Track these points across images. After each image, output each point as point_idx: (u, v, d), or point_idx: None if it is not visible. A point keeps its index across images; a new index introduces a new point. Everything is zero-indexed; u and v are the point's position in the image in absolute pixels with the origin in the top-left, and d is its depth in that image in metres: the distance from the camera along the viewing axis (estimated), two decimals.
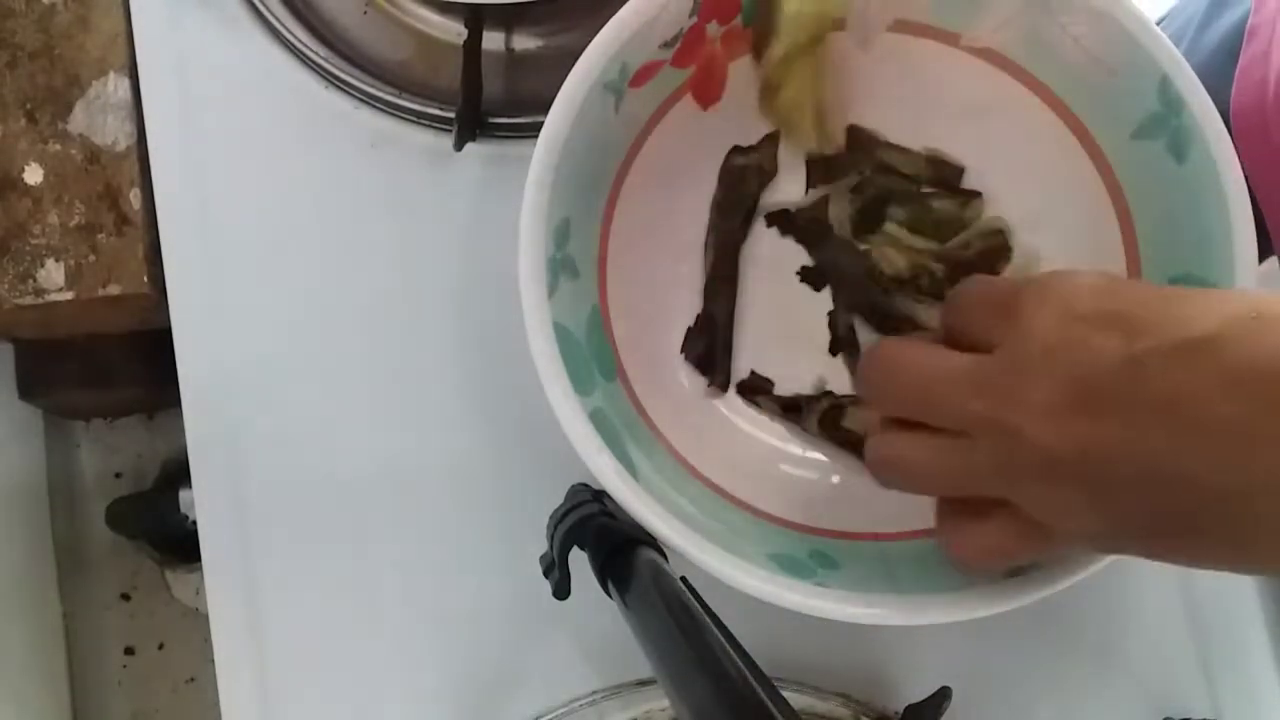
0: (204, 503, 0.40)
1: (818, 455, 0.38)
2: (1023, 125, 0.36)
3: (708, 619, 0.26)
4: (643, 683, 0.39)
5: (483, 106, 0.41)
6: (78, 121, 0.44)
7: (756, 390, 0.39)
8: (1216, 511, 0.24)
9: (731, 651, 0.25)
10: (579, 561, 0.31)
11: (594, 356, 0.34)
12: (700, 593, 0.28)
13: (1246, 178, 0.32)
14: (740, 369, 0.39)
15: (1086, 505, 0.25)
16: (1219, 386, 0.23)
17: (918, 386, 0.28)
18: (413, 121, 0.43)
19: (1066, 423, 0.25)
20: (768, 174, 0.39)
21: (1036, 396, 0.25)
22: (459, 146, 0.41)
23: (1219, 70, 0.43)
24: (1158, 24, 0.34)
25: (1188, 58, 0.33)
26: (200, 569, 0.39)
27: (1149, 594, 0.40)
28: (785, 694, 0.37)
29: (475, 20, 0.42)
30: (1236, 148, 0.32)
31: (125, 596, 0.71)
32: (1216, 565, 0.26)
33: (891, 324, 0.38)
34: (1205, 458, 0.23)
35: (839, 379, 0.39)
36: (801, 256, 0.39)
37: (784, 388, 0.39)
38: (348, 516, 0.40)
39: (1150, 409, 0.24)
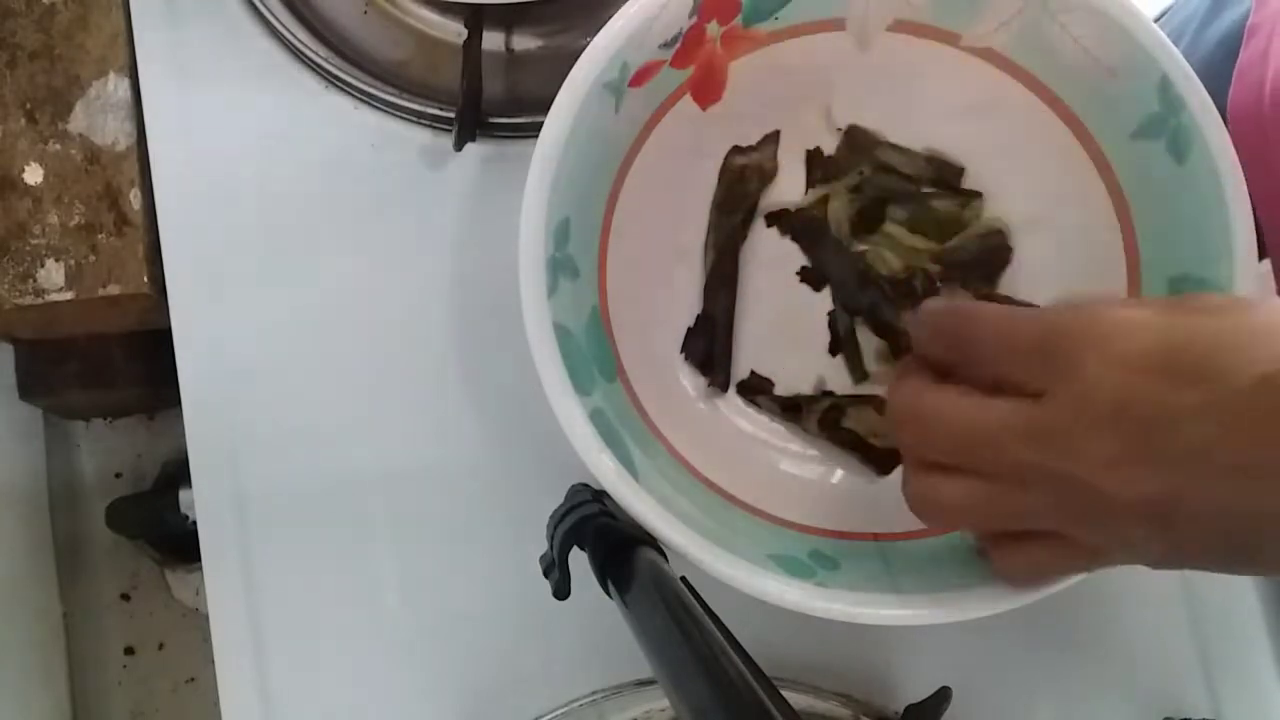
0: (204, 503, 0.40)
1: (818, 455, 0.38)
2: (1023, 125, 0.36)
3: (708, 619, 0.26)
4: (643, 683, 0.39)
5: (483, 106, 0.41)
6: (78, 121, 0.44)
7: (756, 390, 0.39)
8: (1277, 529, 0.24)
9: (731, 651, 0.25)
10: (579, 561, 0.31)
11: (594, 356, 0.34)
12: (700, 593, 0.28)
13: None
14: (740, 369, 0.39)
15: (1147, 539, 0.25)
16: None
17: (961, 438, 0.27)
18: (413, 121, 0.43)
19: (1133, 473, 0.25)
20: (768, 174, 0.39)
21: (1101, 450, 0.25)
22: (459, 146, 0.41)
23: (1218, 69, 0.43)
24: (1155, 21, 0.34)
25: (1187, 56, 0.32)
26: (200, 569, 0.39)
27: (1149, 594, 0.40)
28: (785, 694, 0.37)
29: (475, 20, 0.42)
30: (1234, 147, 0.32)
31: (125, 596, 0.71)
32: (1271, 571, 0.26)
33: (887, 325, 0.38)
34: (1273, 493, 0.24)
35: (839, 379, 0.39)
36: (802, 256, 0.39)
37: (784, 388, 0.39)
38: (347, 516, 0.40)
39: (1222, 455, 0.24)
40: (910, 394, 0.29)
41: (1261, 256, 0.33)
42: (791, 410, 0.38)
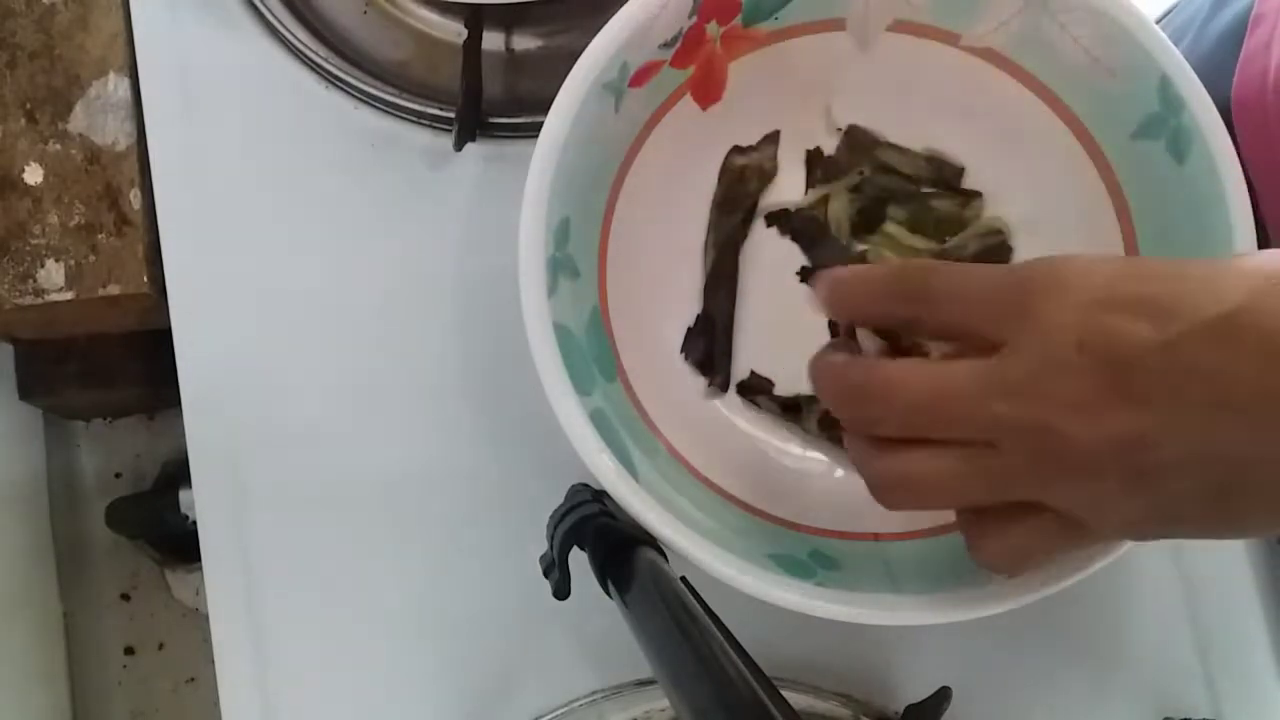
0: (204, 503, 0.40)
1: (818, 455, 0.38)
2: (1023, 125, 0.36)
3: (708, 619, 0.26)
4: (643, 683, 0.39)
5: (483, 106, 0.41)
6: (78, 121, 0.44)
7: (756, 390, 0.39)
8: (1257, 478, 0.24)
9: (731, 651, 0.25)
10: (579, 561, 0.31)
11: (594, 356, 0.34)
12: (700, 593, 0.28)
13: (1246, 169, 0.32)
14: (740, 369, 0.39)
15: (1125, 493, 0.25)
16: (1256, 358, 0.23)
17: (925, 403, 0.26)
18: (413, 121, 0.43)
19: (1103, 416, 0.24)
20: (768, 174, 0.39)
21: (1069, 393, 0.24)
22: (459, 146, 0.41)
23: (1221, 62, 0.42)
24: (1161, 19, 0.33)
25: (1191, 51, 0.32)
26: (200, 569, 0.39)
27: (1149, 594, 0.40)
28: (785, 694, 0.37)
29: (475, 20, 0.42)
30: (1236, 139, 0.32)
31: (125, 596, 0.71)
32: (1256, 532, 0.25)
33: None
34: (1246, 431, 0.23)
35: None
36: (802, 256, 0.39)
37: (784, 388, 0.39)
38: (347, 516, 0.40)
39: (1188, 392, 0.23)
40: (859, 368, 0.28)
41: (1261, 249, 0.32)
42: (791, 410, 0.38)
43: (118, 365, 0.56)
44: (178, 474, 0.68)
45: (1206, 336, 0.23)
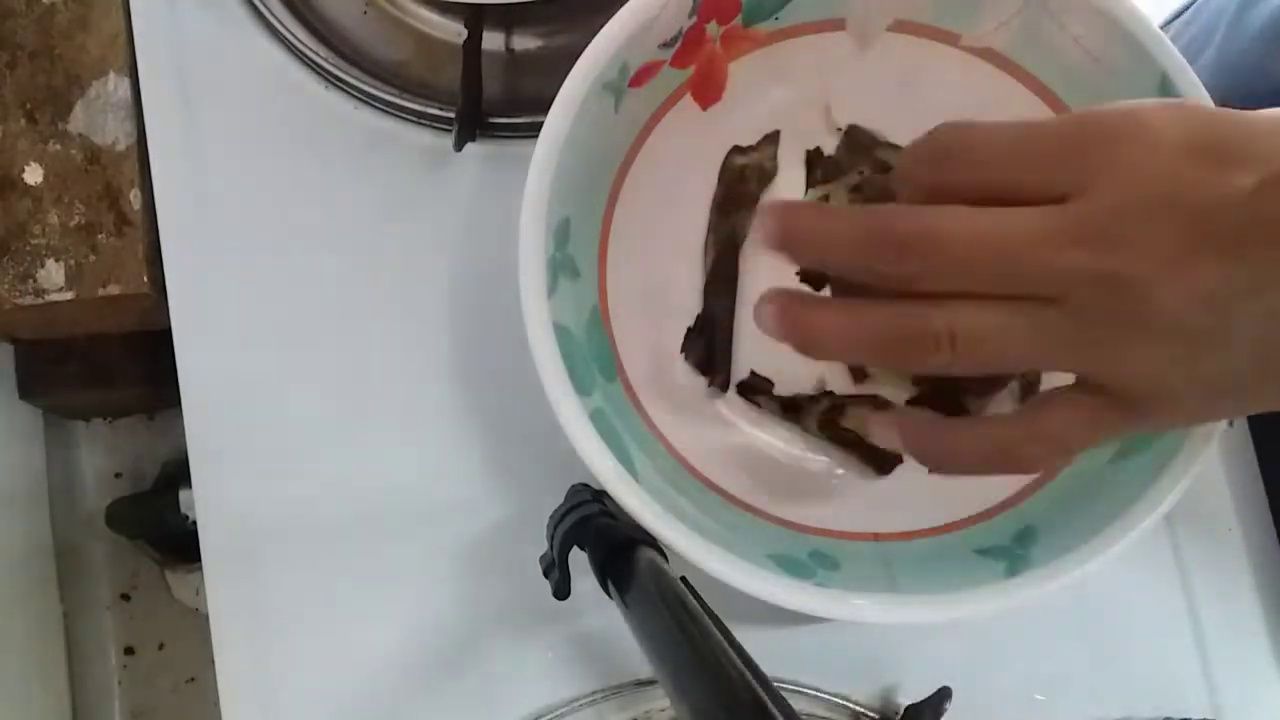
0: (204, 503, 0.40)
1: (818, 455, 0.38)
2: None
3: (708, 619, 0.26)
4: (642, 683, 0.39)
5: (483, 106, 0.41)
6: (78, 121, 0.44)
7: (756, 390, 0.39)
8: None
9: (731, 651, 0.25)
10: (579, 561, 0.31)
11: (594, 356, 0.34)
12: (700, 593, 0.28)
13: None
14: (740, 369, 0.39)
15: (1196, 356, 0.23)
16: None
17: (984, 254, 0.23)
18: (413, 121, 0.43)
19: (1193, 269, 0.22)
20: (768, 174, 0.39)
21: (1155, 243, 0.22)
22: (459, 146, 0.41)
23: (1257, 62, 0.40)
24: (1173, 20, 0.33)
25: (1223, 51, 0.31)
26: (200, 569, 0.39)
27: (1149, 594, 0.40)
28: (785, 694, 0.37)
29: (475, 20, 0.42)
30: None
31: (125, 596, 0.71)
32: None
33: None
34: None
35: (839, 379, 0.39)
36: None
37: (784, 388, 0.39)
38: (347, 516, 0.40)
39: (1275, 240, 0.22)
40: (906, 215, 0.24)
41: None
42: (791, 410, 0.38)
43: (118, 365, 0.56)
44: (178, 474, 0.68)
45: None
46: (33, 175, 0.44)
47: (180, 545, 0.68)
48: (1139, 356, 0.24)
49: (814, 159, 0.39)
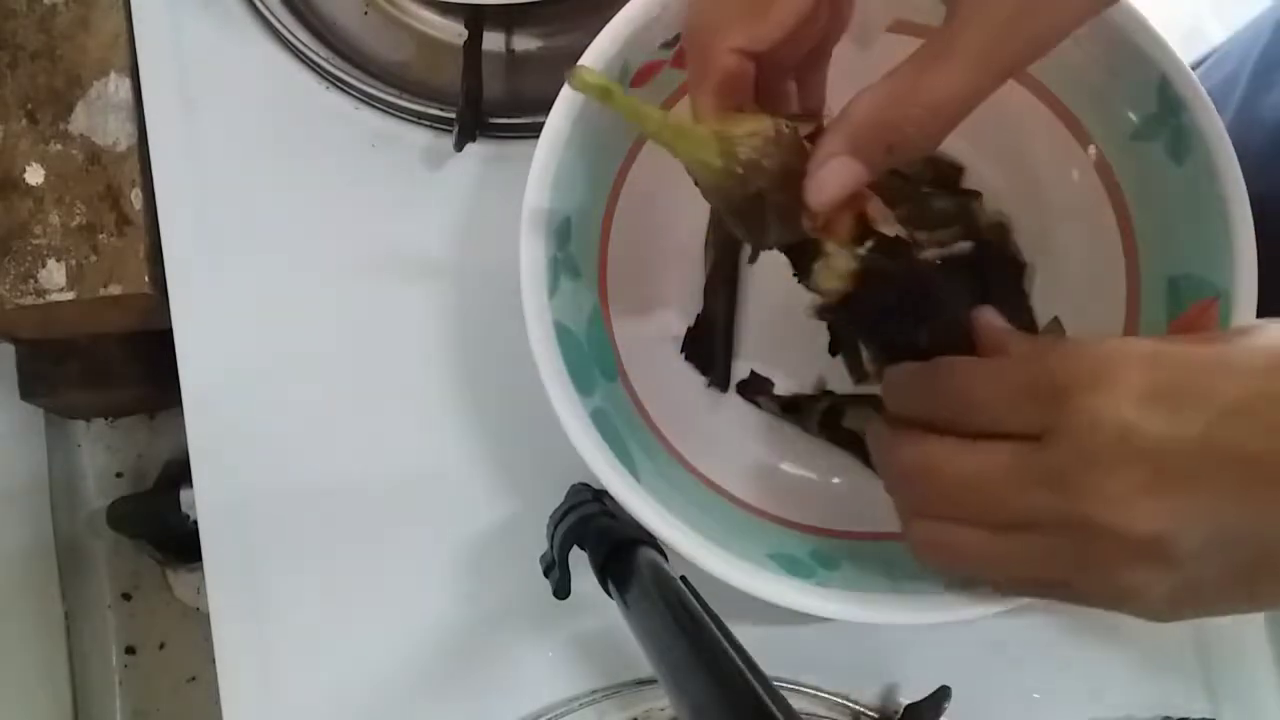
0: (205, 502, 0.40)
1: (818, 455, 0.38)
2: (1022, 125, 0.36)
3: (708, 619, 0.26)
4: (643, 683, 0.39)
5: (483, 107, 0.41)
6: (79, 122, 0.44)
7: (756, 390, 0.39)
8: None
9: (731, 651, 0.25)
10: (579, 561, 0.31)
11: (594, 356, 0.34)
12: (700, 593, 0.29)
13: None
14: (740, 369, 0.39)
15: (1155, 580, 0.25)
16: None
17: (964, 488, 0.27)
18: (413, 121, 0.43)
19: (1144, 507, 0.24)
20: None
21: (1112, 486, 0.25)
22: (459, 147, 0.41)
23: (1272, 163, 0.41)
24: (1194, 69, 0.33)
25: (1235, 133, 0.32)
26: (201, 568, 0.39)
27: None
28: (785, 694, 0.37)
29: (475, 21, 0.42)
30: None
31: (126, 596, 0.71)
32: (1275, 604, 0.26)
33: None
34: (1275, 508, 0.24)
35: (839, 379, 0.39)
36: None
37: (784, 388, 0.39)
38: (348, 516, 0.40)
39: (1223, 477, 0.24)
40: (907, 452, 0.29)
41: (1261, 255, 0.32)
42: (791, 410, 0.38)
43: (118, 365, 0.56)
44: (179, 474, 0.68)
45: (1238, 423, 0.24)
46: (34, 175, 0.44)
47: (181, 545, 0.68)
48: (1103, 579, 0.26)
49: None
